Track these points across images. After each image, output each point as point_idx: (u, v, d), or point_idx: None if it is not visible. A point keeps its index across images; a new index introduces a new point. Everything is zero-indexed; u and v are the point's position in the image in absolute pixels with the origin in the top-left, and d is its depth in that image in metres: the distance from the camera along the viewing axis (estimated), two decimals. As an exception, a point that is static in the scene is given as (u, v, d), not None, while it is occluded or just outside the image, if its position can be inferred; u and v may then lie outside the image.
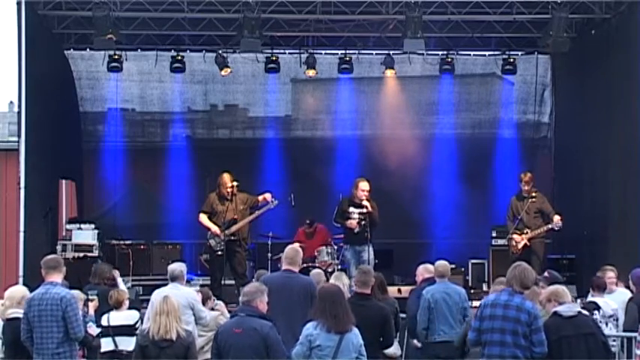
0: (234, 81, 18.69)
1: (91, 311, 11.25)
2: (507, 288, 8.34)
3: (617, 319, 10.48)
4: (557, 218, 15.12)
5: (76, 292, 9.99)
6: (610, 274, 11.23)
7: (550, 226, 15.19)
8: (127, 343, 10.38)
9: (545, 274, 10.81)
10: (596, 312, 10.15)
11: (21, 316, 9.34)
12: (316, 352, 7.93)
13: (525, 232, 15.33)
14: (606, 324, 10.19)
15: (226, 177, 14.91)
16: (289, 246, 10.11)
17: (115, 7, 15.12)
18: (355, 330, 8.05)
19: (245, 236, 15.09)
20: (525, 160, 18.46)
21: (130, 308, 10.97)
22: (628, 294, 10.94)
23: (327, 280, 11.72)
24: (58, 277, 8.87)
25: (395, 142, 18.02)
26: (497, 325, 8.16)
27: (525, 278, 8.31)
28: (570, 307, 8.53)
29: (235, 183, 14.89)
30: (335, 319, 7.95)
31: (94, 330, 10.54)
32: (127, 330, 10.51)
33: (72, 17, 16.20)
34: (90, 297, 11.38)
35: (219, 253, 14.81)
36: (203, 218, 14.99)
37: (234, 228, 14.81)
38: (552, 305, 8.54)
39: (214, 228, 14.80)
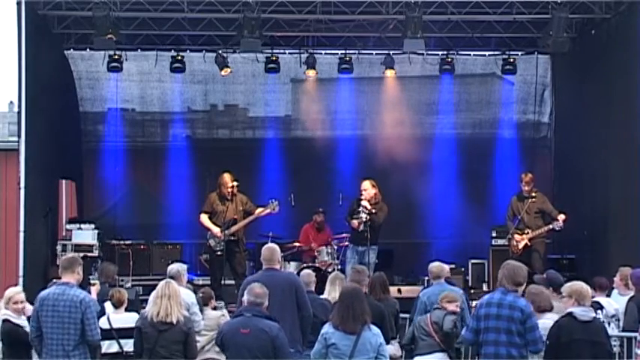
0: (234, 81, 18.68)
1: (94, 294, 11.28)
2: (500, 287, 8.32)
3: (618, 319, 10.50)
4: (562, 217, 15.07)
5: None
6: (617, 276, 11.15)
7: (551, 226, 15.17)
8: (132, 346, 10.37)
9: (544, 275, 10.80)
10: (599, 311, 10.14)
11: (9, 317, 9.36)
12: (332, 350, 7.95)
13: (526, 232, 15.32)
14: (608, 324, 10.19)
15: (227, 177, 14.91)
16: (264, 247, 10.02)
17: (115, 7, 15.12)
18: (374, 330, 8.07)
19: (242, 236, 15.09)
20: (525, 160, 18.46)
21: (128, 309, 10.95)
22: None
23: (319, 280, 11.81)
24: (71, 278, 8.77)
25: (395, 142, 17.99)
26: (491, 325, 8.15)
27: (516, 275, 8.26)
28: (587, 312, 8.46)
29: (235, 183, 14.89)
30: (341, 318, 7.99)
31: None
32: (130, 332, 10.50)
33: (72, 17, 16.20)
34: (92, 281, 11.42)
35: (219, 253, 14.81)
36: (204, 219, 14.98)
37: (234, 228, 14.80)
38: (571, 303, 8.48)
39: (216, 230, 14.78)
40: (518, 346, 8.08)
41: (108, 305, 10.87)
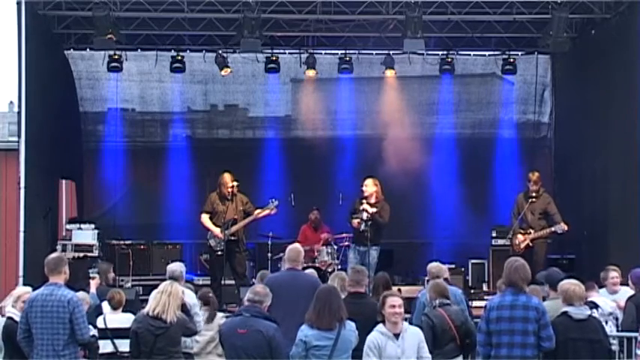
0: (234, 81, 18.69)
1: (93, 289, 11.25)
2: (510, 287, 8.30)
3: (616, 318, 10.49)
4: (563, 225, 15.00)
5: (81, 294, 9.98)
6: (612, 274, 11.23)
7: (553, 229, 15.09)
8: (127, 345, 10.38)
9: (546, 271, 10.80)
10: (594, 310, 10.14)
11: (13, 315, 9.37)
12: (314, 352, 7.98)
13: (529, 232, 15.27)
14: (606, 322, 10.18)
15: (227, 177, 14.91)
16: (290, 247, 10.12)
17: (115, 7, 15.13)
18: (350, 326, 8.16)
19: (242, 236, 15.09)
20: (525, 160, 18.45)
21: (127, 310, 10.95)
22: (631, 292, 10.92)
23: (326, 279, 11.77)
24: (59, 278, 8.77)
25: (395, 142, 17.98)
26: (504, 327, 8.14)
27: (526, 272, 8.32)
28: (581, 310, 8.47)
29: (235, 183, 14.90)
30: (317, 314, 8.10)
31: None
32: (125, 333, 10.52)
33: (72, 17, 16.22)
34: (91, 275, 11.39)
35: (219, 253, 14.80)
36: (205, 219, 14.98)
37: (234, 228, 14.80)
38: (563, 304, 8.51)
39: (216, 231, 14.77)
40: (532, 347, 8.09)
41: (105, 305, 10.86)
